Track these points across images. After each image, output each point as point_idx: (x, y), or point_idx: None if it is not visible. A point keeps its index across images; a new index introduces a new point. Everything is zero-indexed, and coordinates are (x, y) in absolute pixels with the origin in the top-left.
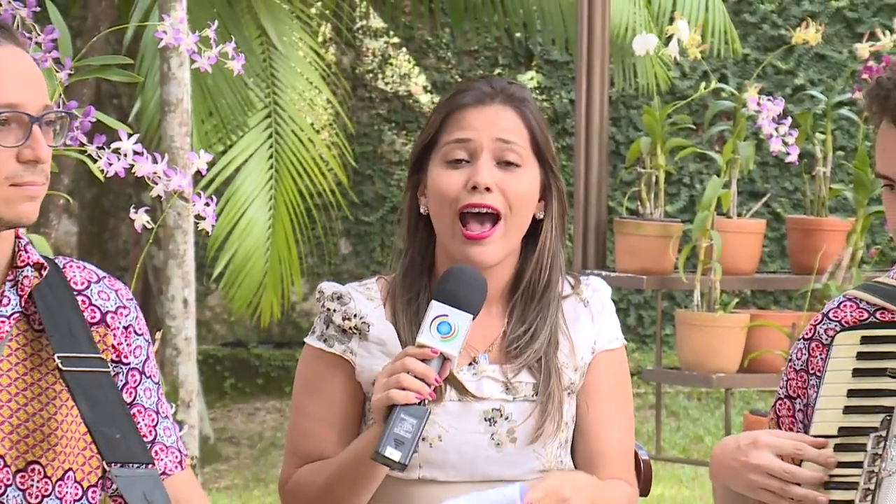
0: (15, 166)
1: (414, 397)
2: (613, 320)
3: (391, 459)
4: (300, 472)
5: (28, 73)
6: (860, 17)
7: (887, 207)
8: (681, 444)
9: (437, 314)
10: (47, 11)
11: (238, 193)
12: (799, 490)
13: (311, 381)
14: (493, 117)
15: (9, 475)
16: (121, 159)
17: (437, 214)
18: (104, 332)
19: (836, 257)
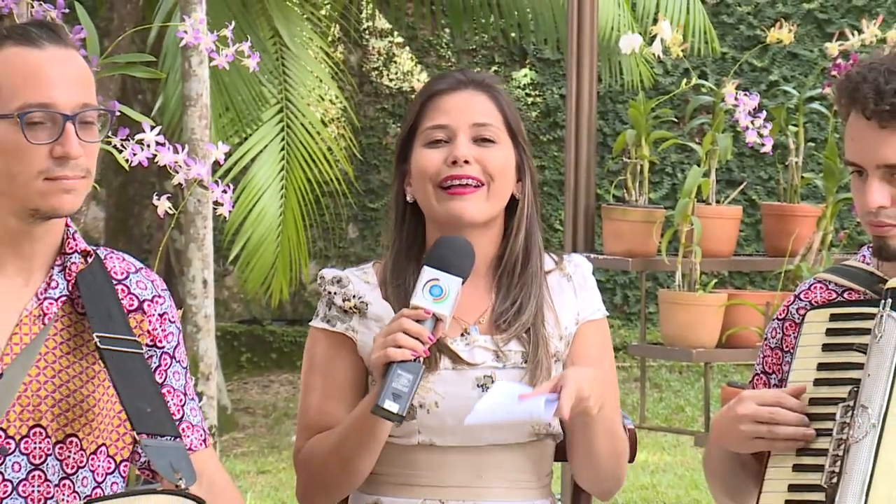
0: (47, 162)
1: (410, 354)
2: (595, 293)
3: (389, 411)
4: (311, 441)
5: (67, 74)
6: (830, 19)
7: (855, 193)
8: (663, 414)
9: (429, 278)
10: (76, 13)
11: (252, 183)
12: (787, 429)
13: (318, 360)
14: (468, 102)
15: (49, 445)
16: (144, 150)
17: (421, 193)
18: (141, 319)
19: (807, 241)
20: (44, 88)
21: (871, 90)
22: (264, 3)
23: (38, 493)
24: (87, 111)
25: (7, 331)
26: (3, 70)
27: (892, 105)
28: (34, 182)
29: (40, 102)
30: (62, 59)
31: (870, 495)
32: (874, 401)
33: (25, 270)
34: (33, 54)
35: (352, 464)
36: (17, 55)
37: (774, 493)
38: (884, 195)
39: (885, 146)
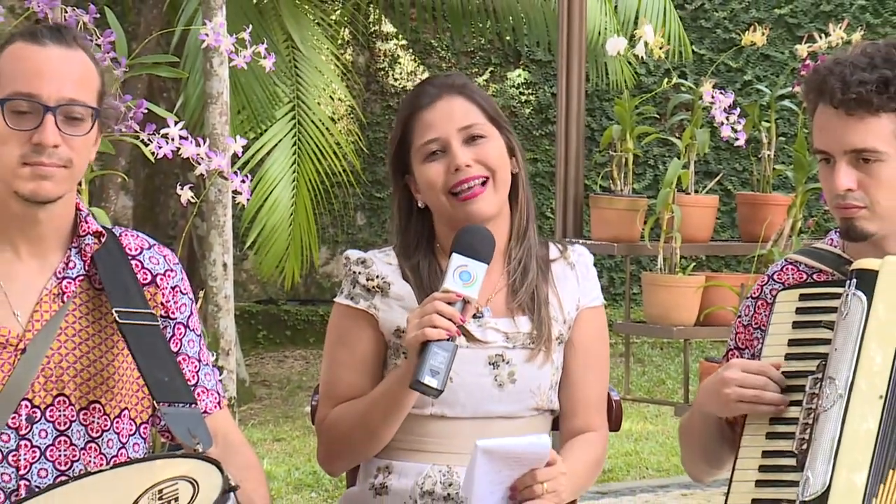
0: (25, 147)
1: (445, 334)
2: (595, 282)
3: (429, 386)
4: (335, 410)
5: (61, 70)
6: (799, 23)
7: (823, 180)
8: (646, 387)
9: (458, 265)
10: (106, 18)
11: (266, 175)
12: (772, 395)
13: (341, 334)
14: (448, 111)
15: (73, 412)
16: (169, 143)
17: (433, 202)
18: (154, 292)
19: (778, 227)
20: (32, 80)
21: (837, 81)
22: (278, 9)
23: (64, 457)
24: (71, 105)
25: (28, 309)
26: (7, 62)
27: (857, 94)
28: (16, 167)
29: (26, 92)
30: (61, 57)
31: (838, 459)
32: (841, 373)
33: (39, 253)
34: (34, 50)
35: (376, 433)
36: (21, 50)
37: (749, 458)
38: (851, 179)
39: (851, 133)
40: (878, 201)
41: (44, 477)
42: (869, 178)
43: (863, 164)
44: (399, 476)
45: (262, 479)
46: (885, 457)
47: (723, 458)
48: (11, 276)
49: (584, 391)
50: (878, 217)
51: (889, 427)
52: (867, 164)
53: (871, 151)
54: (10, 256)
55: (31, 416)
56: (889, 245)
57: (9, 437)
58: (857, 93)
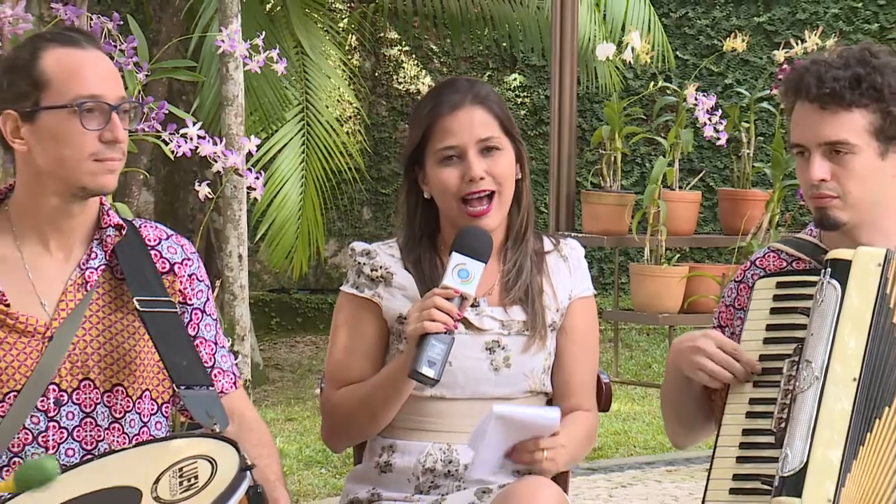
0: (98, 145)
1: (442, 327)
2: (586, 273)
3: (426, 376)
4: (339, 393)
5: (108, 71)
6: (777, 30)
7: (799, 173)
8: (633, 370)
9: (457, 263)
10: (129, 25)
11: (276, 173)
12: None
13: (347, 320)
14: (469, 120)
15: (98, 395)
16: (188, 142)
17: (442, 202)
18: (172, 280)
19: (757, 221)
20: (92, 82)
21: (813, 78)
22: (288, 18)
23: (90, 437)
24: (126, 103)
25: (54, 299)
26: (54, 67)
27: (831, 89)
28: (85, 163)
29: (92, 94)
30: (100, 59)
31: (815, 437)
32: (817, 356)
33: (66, 246)
34: (77, 54)
35: (377, 415)
36: (65, 55)
37: (731, 436)
38: (824, 170)
39: (825, 126)
40: (849, 191)
41: (71, 456)
42: (841, 169)
43: (836, 156)
44: (402, 454)
45: (275, 455)
46: (859, 435)
47: (696, 423)
48: (39, 268)
49: (576, 375)
50: (849, 207)
51: (862, 407)
52: (840, 156)
53: (843, 144)
54: (39, 249)
55: (59, 400)
56: (861, 235)
57: (38, 419)
58: (832, 88)
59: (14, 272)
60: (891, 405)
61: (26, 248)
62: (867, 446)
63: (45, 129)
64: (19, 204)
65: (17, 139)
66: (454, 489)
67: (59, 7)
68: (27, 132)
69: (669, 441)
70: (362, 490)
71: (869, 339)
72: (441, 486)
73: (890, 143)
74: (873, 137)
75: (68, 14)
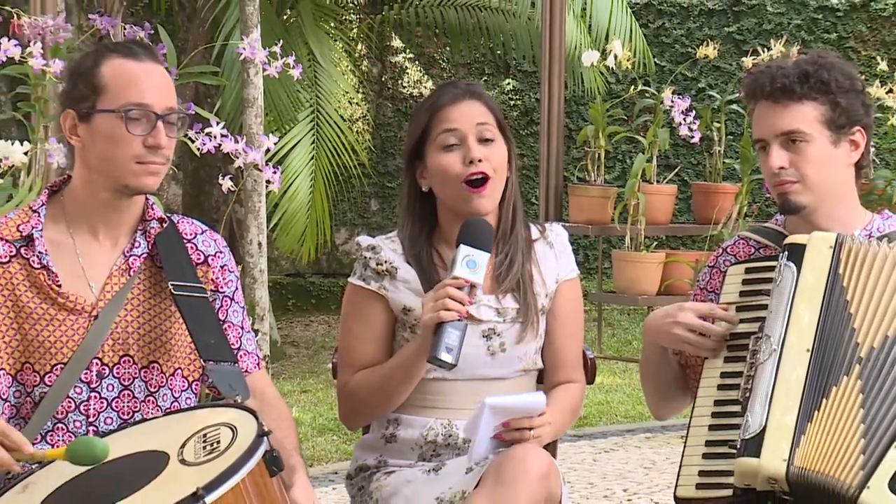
0: (141, 149)
1: (456, 315)
2: (571, 256)
3: (445, 361)
4: (356, 377)
5: (159, 82)
6: (745, 39)
7: (762, 166)
8: (615, 347)
9: (465, 254)
10: (159, 34)
11: (288, 169)
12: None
13: (356, 310)
14: (468, 109)
15: (136, 370)
16: (212, 140)
17: (443, 187)
18: (206, 270)
19: (727, 212)
20: (143, 92)
21: (766, 78)
22: (302, 27)
23: (127, 408)
24: (171, 113)
25: (101, 282)
26: (111, 75)
27: (782, 84)
28: (129, 164)
29: (140, 102)
30: (154, 71)
31: (772, 403)
32: (775, 331)
33: (113, 235)
34: (135, 65)
35: (392, 397)
36: (122, 65)
37: (704, 406)
38: (783, 158)
39: (779, 118)
40: (807, 174)
41: (109, 424)
42: (798, 156)
43: (792, 146)
44: (406, 427)
45: (292, 428)
46: (812, 400)
47: (673, 396)
48: (88, 253)
49: (564, 351)
50: (808, 190)
51: (816, 375)
52: (795, 145)
53: (797, 133)
54: (88, 238)
55: (101, 373)
56: (818, 219)
57: (81, 390)
58: (782, 83)
59: (66, 256)
60: (849, 375)
61: (77, 236)
62: (823, 411)
63: (97, 129)
64: (73, 195)
65: (74, 136)
66: (454, 456)
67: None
68: (83, 131)
69: (651, 413)
70: (370, 457)
71: (821, 314)
72: (441, 455)
73: (841, 133)
74: (825, 127)
75: (104, 24)
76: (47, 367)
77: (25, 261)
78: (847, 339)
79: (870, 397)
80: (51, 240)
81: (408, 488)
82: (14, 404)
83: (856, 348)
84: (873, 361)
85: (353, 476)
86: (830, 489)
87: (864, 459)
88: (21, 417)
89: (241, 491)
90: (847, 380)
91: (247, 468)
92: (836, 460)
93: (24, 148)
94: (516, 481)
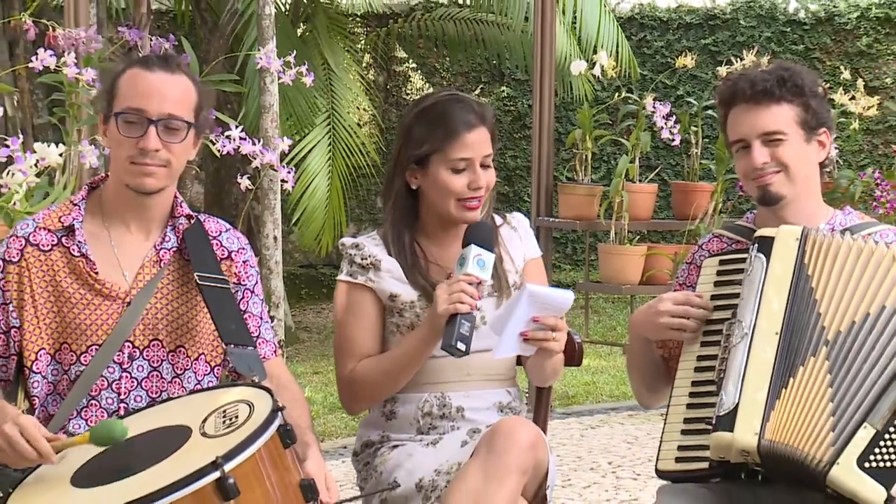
0: (134, 151)
1: (469, 308)
2: (533, 238)
3: (459, 349)
4: (360, 365)
5: (162, 90)
6: (720, 50)
7: (741, 165)
8: (601, 332)
9: (476, 254)
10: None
11: (307, 169)
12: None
13: (349, 304)
14: (480, 139)
15: (164, 354)
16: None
17: (440, 198)
18: (230, 264)
19: (704, 208)
20: (141, 98)
21: (746, 83)
22: (317, 39)
23: (155, 388)
24: (170, 119)
25: (133, 272)
26: (124, 84)
27: (763, 87)
28: (125, 164)
29: (135, 107)
30: (164, 80)
31: (744, 383)
32: (746, 316)
33: (144, 229)
34: (145, 75)
35: (399, 381)
36: (136, 74)
37: (682, 387)
38: (764, 155)
39: (761, 119)
40: (788, 164)
41: (138, 402)
42: (777, 151)
43: (771, 144)
44: (403, 404)
45: (305, 408)
46: (781, 378)
47: (658, 387)
48: (123, 245)
49: None
50: (790, 179)
51: (784, 356)
52: (774, 144)
53: (777, 133)
54: (123, 231)
55: (132, 355)
56: (787, 214)
57: (114, 370)
58: (763, 86)
59: (103, 247)
60: (816, 355)
61: (113, 229)
62: (791, 388)
63: (109, 131)
64: (108, 192)
65: (103, 137)
66: (449, 429)
67: (124, 30)
68: (105, 132)
69: (638, 402)
70: (374, 433)
71: (789, 300)
72: (438, 427)
73: (811, 132)
74: (799, 126)
75: (132, 36)
76: (83, 347)
77: (66, 249)
78: (813, 323)
79: (838, 377)
80: (89, 231)
81: (409, 461)
82: (52, 381)
83: (822, 332)
84: (840, 344)
85: (359, 453)
86: (799, 461)
87: (833, 436)
88: (58, 394)
89: (257, 460)
90: (814, 360)
91: (262, 439)
92: (804, 435)
93: (59, 150)
94: (507, 451)
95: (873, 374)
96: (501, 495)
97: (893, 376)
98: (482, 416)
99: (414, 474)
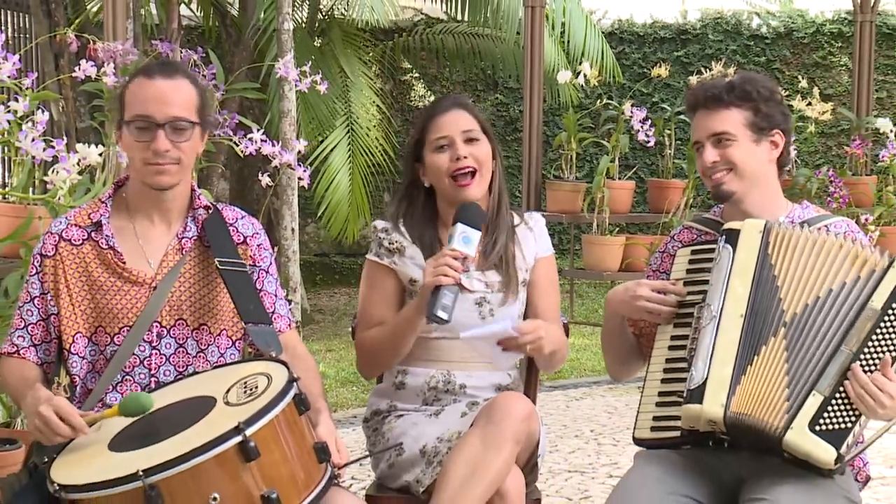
0: (147, 153)
1: (452, 280)
2: (547, 239)
3: (441, 318)
4: (368, 332)
5: (162, 95)
6: (691, 62)
7: (698, 164)
8: (584, 314)
9: (461, 231)
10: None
11: (330, 167)
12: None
13: (372, 281)
14: (455, 117)
15: (189, 332)
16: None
17: (437, 182)
18: (245, 248)
19: (676, 203)
20: (147, 105)
21: (701, 91)
22: (333, 51)
23: (182, 363)
24: (175, 121)
25: (158, 259)
26: (129, 93)
27: (712, 94)
28: (141, 165)
29: (142, 114)
30: (165, 85)
31: (712, 360)
32: (714, 300)
33: (166, 220)
34: (147, 83)
35: (398, 348)
36: (139, 84)
37: (657, 364)
38: (714, 155)
39: (711, 122)
40: (736, 163)
41: (167, 376)
42: (725, 151)
43: (720, 145)
44: (412, 376)
45: (318, 378)
46: (745, 357)
47: (629, 360)
48: (147, 235)
49: (543, 316)
50: (738, 176)
51: (748, 336)
52: (723, 144)
53: (725, 134)
54: (147, 223)
55: (160, 334)
56: (747, 207)
57: (144, 348)
58: (713, 93)
59: (129, 238)
60: (776, 336)
61: (137, 222)
62: (755, 365)
63: (124, 138)
64: (130, 190)
65: (120, 143)
66: (451, 402)
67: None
68: (121, 138)
69: (609, 375)
70: (383, 402)
71: (753, 286)
72: (441, 400)
73: (761, 134)
74: (747, 129)
75: (164, 49)
76: (116, 329)
77: (95, 243)
78: (774, 307)
79: (793, 353)
80: (115, 225)
81: (414, 429)
82: (90, 361)
83: (781, 314)
84: (796, 324)
85: (368, 419)
86: (760, 429)
87: (788, 405)
88: (96, 371)
89: (275, 425)
90: (774, 340)
91: (280, 407)
92: (764, 406)
93: (98, 150)
94: (503, 421)
95: (821, 348)
96: (498, 461)
97: (837, 347)
98: (482, 392)
99: (418, 441)
